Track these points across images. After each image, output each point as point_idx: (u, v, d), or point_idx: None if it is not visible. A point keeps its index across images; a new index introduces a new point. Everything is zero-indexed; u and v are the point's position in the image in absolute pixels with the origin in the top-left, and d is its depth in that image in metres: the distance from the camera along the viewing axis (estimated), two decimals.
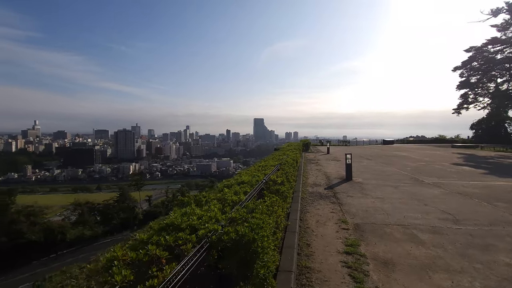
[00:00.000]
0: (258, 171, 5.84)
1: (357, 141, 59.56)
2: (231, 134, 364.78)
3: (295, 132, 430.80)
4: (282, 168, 6.64)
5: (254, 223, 2.24)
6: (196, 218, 2.18)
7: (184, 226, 2.05)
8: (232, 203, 2.99)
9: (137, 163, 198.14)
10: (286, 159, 8.39)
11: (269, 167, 6.42)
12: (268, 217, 2.72)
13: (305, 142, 32.20)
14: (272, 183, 4.75)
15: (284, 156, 9.10)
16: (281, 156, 9.21)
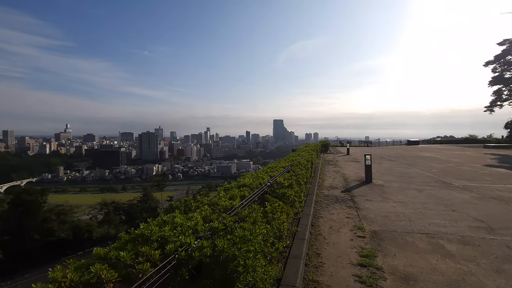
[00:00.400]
0: (266, 173, 5.49)
1: (380, 141, 57.24)
2: (251, 135, 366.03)
3: (315, 133, 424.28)
4: (293, 170, 6.24)
5: (238, 236, 1.90)
6: (168, 228, 1.87)
7: (154, 238, 1.76)
8: (223, 209, 2.67)
9: (160, 164, 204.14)
10: (299, 160, 7.96)
11: (279, 168, 6.05)
12: (261, 226, 2.38)
13: (324, 143, 31.33)
14: (278, 186, 4.39)
15: (298, 157, 8.67)
16: (294, 158, 8.78)
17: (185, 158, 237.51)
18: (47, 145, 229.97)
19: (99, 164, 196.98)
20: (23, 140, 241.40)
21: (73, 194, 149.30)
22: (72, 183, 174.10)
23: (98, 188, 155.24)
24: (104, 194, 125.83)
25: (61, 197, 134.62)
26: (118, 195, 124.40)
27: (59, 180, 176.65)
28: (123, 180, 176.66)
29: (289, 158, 8.86)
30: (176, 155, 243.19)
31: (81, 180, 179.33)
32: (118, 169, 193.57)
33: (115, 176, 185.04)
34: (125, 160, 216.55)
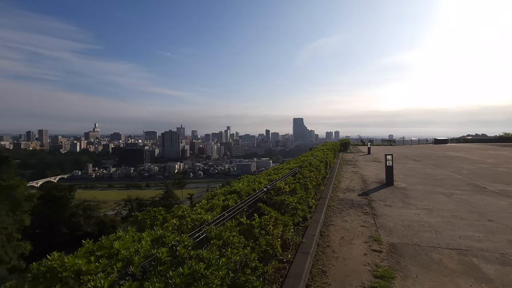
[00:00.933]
0: (268, 175, 4.94)
1: (404, 140, 54.33)
2: (271, 134, 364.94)
3: (336, 132, 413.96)
4: (301, 172, 5.63)
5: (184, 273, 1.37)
6: (93, 259, 1.37)
7: (62, 276, 1.28)
8: (191, 225, 2.16)
9: (181, 162, 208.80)
10: (310, 160, 7.31)
11: (284, 170, 5.46)
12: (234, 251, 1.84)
13: (343, 142, 29.98)
14: (276, 192, 3.83)
15: (310, 158, 8.01)
16: (306, 158, 8.13)
17: (205, 156, 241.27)
18: (77, 144, 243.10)
19: (124, 161, 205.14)
20: (56, 139, 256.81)
21: (101, 190, 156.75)
22: (100, 179, 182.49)
23: (123, 185, 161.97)
24: (129, 190, 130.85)
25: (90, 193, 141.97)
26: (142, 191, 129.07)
27: (88, 176, 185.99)
28: (147, 178, 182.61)
29: (300, 158, 8.21)
30: (197, 153, 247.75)
31: (108, 177, 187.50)
32: (142, 167, 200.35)
33: (139, 174, 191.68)
34: (149, 158, 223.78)
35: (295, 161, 7.16)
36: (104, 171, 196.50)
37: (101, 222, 52.46)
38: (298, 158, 8.35)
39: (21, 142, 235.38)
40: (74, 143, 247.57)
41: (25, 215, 31.55)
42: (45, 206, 48.52)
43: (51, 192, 49.20)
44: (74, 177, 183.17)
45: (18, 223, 30.39)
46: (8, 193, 30.23)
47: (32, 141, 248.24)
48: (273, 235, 2.84)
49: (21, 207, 31.04)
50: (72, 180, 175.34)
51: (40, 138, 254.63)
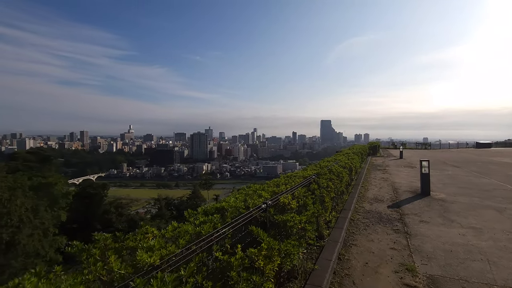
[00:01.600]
0: (278, 185, 4.19)
1: (441, 143, 50.04)
2: (297, 136, 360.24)
3: (366, 134, 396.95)
4: (317, 182, 4.81)
5: None
6: None
7: None
8: (120, 277, 1.49)
9: (209, 163, 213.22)
10: (331, 166, 6.42)
11: (297, 179, 4.68)
12: None
13: (373, 145, 27.99)
14: (278, 209, 3.09)
15: (331, 163, 7.11)
16: (327, 163, 7.24)
17: (232, 157, 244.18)
18: (114, 144, 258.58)
19: (156, 162, 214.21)
20: (95, 140, 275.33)
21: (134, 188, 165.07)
22: (133, 178, 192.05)
23: (154, 184, 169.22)
24: (159, 189, 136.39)
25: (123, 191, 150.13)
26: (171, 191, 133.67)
27: (123, 175, 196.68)
28: (176, 177, 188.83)
29: (320, 164, 7.32)
30: (224, 154, 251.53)
31: (140, 176, 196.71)
32: (172, 167, 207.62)
33: (169, 174, 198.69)
34: (178, 159, 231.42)
35: (314, 168, 6.31)
36: (137, 170, 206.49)
37: (131, 219, 54.64)
38: (318, 164, 7.46)
39: (65, 142, 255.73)
40: (111, 143, 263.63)
41: (62, 211, 33.57)
42: (81, 202, 51.60)
43: (86, 189, 52.22)
44: (110, 175, 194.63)
45: (55, 218, 32.37)
46: (47, 190, 32.33)
47: (74, 141, 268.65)
48: (264, 273, 2.12)
49: (58, 203, 33.07)
50: (108, 178, 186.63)
51: (82, 138, 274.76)
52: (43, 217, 29.95)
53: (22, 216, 21.86)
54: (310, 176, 4.70)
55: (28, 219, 22.63)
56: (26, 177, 29.51)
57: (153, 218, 65.41)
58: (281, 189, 3.60)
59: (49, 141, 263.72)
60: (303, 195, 3.76)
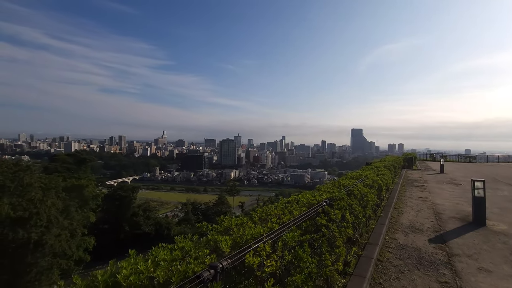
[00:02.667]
0: (265, 220, 2.96)
1: (488, 156, 44.50)
2: (327, 144, 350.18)
3: (400, 144, 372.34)
4: (328, 213, 3.52)
5: None
6: None
7: None
8: None
9: (237, 169, 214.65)
10: (352, 186, 5.05)
11: (299, 207, 3.41)
12: None
13: (408, 156, 25.04)
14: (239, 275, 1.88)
15: (354, 181, 5.71)
16: (350, 181, 5.85)
17: (260, 165, 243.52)
18: (148, 149, 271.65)
19: (186, 166, 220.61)
20: (132, 144, 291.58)
21: (165, 191, 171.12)
22: (165, 182, 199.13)
23: (184, 188, 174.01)
24: (188, 194, 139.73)
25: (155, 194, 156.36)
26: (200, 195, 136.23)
27: (155, 178, 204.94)
28: (205, 183, 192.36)
29: (340, 181, 5.92)
30: (252, 161, 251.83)
31: (171, 180, 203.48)
32: (201, 172, 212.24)
33: (198, 178, 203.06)
34: (207, 164, 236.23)
35: (330, 188, 4.95)
36: (168, 174, 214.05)
37: (157, 223, 55.68)
38: (339, 181, 6.04)
39: (105, 146, 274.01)
40: (145, 148, 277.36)
41: (91, 212, 34.81)
42: (112, 204, 53.71)
43: (117, 192, 54.33)
44: (143, 178, 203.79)
45: (85, 219, 33.61)
46: (79, 192, 33.75)
47: (113, 145, 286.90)
48: None
49: (88, 205, 34.36)
50: (142, 181, 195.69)
51: (120, 142, 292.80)
52: (73, 217, 31.17)
53: (51, 216, 22.66)
54: (319, 204, 3.44)
55: (56, 219, 23.42)
56: (60, 179, 30.99)
57: (179, 222, 66.40)
58: (259, 232, 2.32)
59: (92, 145, 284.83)
60: (298, 239, 2.50)
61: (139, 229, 52.50)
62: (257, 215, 3.02)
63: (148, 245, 26.63)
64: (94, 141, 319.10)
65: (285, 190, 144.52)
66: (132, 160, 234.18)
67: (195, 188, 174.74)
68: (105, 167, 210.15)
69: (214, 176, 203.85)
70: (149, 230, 53.49)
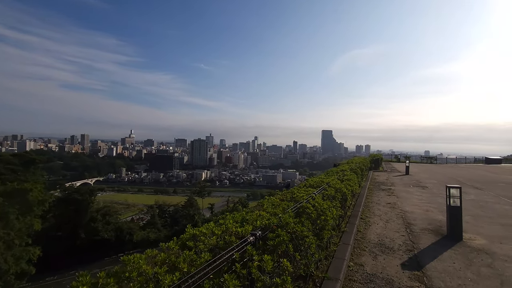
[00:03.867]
0: None
1: (447, 158, 46.90)
2: (298, 145, 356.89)
3: (367, 145, 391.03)
4: (253, 259, 2.14)
5: None
6: None
7: None
8: None
9: (208, 170, 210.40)
10: (310, 200, 3.78)
11: (199, 258, 1.97)
12: None
13: (375, 158, 24.93)
14: None
15: (312, 190, 4.44)
16: (311, 190, 4.57)
17: (232, 165, 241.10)
18: (114, 148, 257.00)
19: (155, 167, 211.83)
20: (96, 143, 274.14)
21: (132, 193, 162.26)
22: (132, 183, 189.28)
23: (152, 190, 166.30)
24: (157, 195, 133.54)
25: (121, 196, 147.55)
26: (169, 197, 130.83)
27: (121, 180, 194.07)
28: (175, 184, 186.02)
29: (294, 192, 4.53)
30: (224, 162, 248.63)
31: (139, 181, 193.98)
32: (171, 173, 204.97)
33: (168, 180, 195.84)
34: (178, 165, 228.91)
35: (276, 204, 3.58)
36: (136, 175, 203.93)
37: (118, 228, 51.69)
38: (292, 191, 4.65)
39: (65, 145, 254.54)
40: (111, 147, 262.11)
41: (36, 219, 30.92)
42: (67, 209, 48.89)
43: (72, 195, 49.54)
44: (108, 180, 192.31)
45: (28, 227, 29.76)
46: (22, 197, 29.80)
47: (75, 144, 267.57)
48: None
49: (32, 211, 30.47)
50: (106, 183, 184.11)
51: (82, 142, 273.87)
52: (13, 226, 27.34)
53: None
54: (243, 240, 2.04)
55: None
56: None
57: (144, 226, 62.42)
58: None
59: (50, 144, 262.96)
60: None
61: (98, 235, 48.29)
62: None
63: (107, 253, 23.75)
64: (53, 140, 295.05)
65: (257, 191, 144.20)
66: (96, 161, 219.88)
67: (165, 189, 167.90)
68: (66, 168, 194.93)
69: (185, 177, 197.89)
70: (108, 236, 49.40)
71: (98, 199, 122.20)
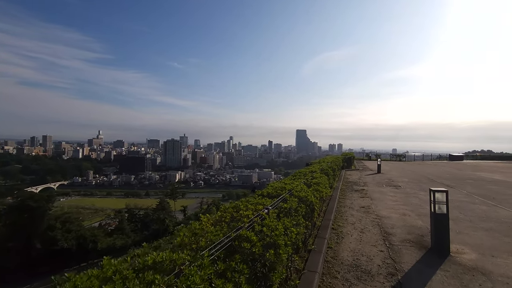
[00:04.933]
0: None
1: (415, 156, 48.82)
2: (273, 145, 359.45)
3: (339, 144, 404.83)
4: None
5: None
6: None
7: None
8: None
9: (182, 171, 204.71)
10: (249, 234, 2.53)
11: None
12: None
13: (347, 156, 24.58)
14: None
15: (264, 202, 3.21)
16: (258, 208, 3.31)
17: (207, 166, 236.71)
18: (80, 150, 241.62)
19: (126, 169, 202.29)
20: (60, 145, 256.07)
21: (100, 197, 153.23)
22: (100, 187, 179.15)
23: (123, 193, 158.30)
24: (128, 199, 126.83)
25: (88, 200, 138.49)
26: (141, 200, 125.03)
27: (88, 183, 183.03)
28: (147, 186, 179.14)
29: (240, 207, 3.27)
30: (199, 162, 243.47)
31: (108, 184, 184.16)
32: (143, 175, 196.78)
33: (140, 182, 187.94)
34: (150, 167, 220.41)
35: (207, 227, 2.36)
36: (104, 178, 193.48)
37: (81, 236, 47.65)
38: (237, 205, 3.31)
39: (24, 147, 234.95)
40: (77, 149, 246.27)
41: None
42: (20, 217, 44.22)
43: (26, 202, 44.85)
44: (74, 183, 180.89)
45: None
46: None
47: (35, 146, 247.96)
48: None
49: None
50: (72, 187, 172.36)
51: (44, 143, 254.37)
52: None
53: None
54: None
55: None
56: None
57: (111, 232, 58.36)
58: None
59: (7, 146, 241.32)
60: None
61: (56, 245, 44.09)
62: None
63: (67, 263, 20.51)
64: (10, 142, 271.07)
65: (233, 191, 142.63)
66: (60, 163, 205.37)
67: (136, 192, 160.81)
68: (24, 172, 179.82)
69: (158, 179, 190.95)
70: (69, 245, 45.34)
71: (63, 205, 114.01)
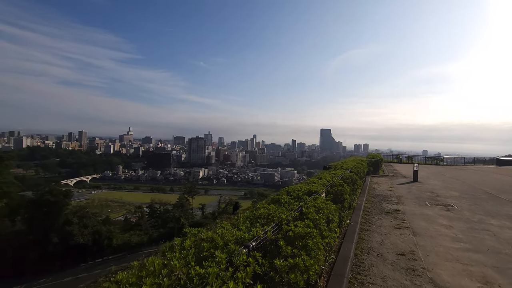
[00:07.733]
0: None
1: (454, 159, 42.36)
2: (297, 144, 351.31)
3: (365, 144, 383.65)
4: None
5: None
6: None
7: None
8: None
9: (206, 168, 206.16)
10: None
11: None
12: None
13: (374, 159, 19.96)
14: None
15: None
16: None
17: (230, 163, 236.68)
18: (111, 146, 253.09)
19: (152, 165, 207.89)
20: (94, 140, 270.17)
21: (128, 191, 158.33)
22: (128, 181, 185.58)
23: (149, 188, 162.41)
24: (153, 193, 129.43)
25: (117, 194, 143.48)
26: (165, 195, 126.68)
27: (118, 177, 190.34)
28: (172, 182, 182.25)
29: None
30: (222, 160, 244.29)
31: (136, 179, 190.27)
32: (168, 171, 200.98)
33: (165, 177, 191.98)
34: (175, 163, 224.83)
35: None
36: (132, 173, 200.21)
37: (96, 232, 47.42)
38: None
39: (62, 142, 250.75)
40: (109, 145, 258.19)
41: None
42: (39, 211, 44.76)
43: (44, 196, 45.32)
44: (105, 177, 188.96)
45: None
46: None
47: (72, 141, 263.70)
48: None
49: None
50: (103, 180, 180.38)
51: (80, 139, 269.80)
52: None
53: None
54: None
55: None
56: None
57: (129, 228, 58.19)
58: None
59: (47, 141, 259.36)
60: None
61: (72, 240, 44.08)
62: None
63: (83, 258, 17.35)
64: (50, 136, 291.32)
65: (254, 189, 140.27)
66: (93, 158, 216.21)
67: (161, 187, 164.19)
68: (61, 165, 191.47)
69: (182, 175, 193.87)
70: (84, 240, 45.16)
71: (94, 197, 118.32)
